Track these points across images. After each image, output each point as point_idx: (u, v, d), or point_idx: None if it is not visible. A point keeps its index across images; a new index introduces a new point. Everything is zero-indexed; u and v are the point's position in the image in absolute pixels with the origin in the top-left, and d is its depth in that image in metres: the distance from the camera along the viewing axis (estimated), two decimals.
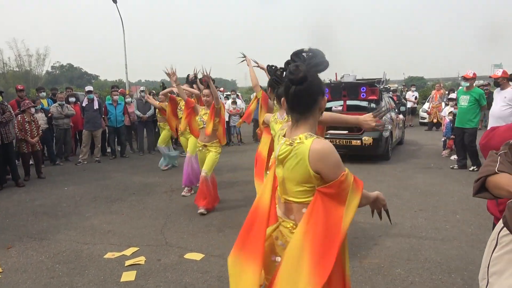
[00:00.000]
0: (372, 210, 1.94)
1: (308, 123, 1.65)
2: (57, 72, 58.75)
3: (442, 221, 4.59)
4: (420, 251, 3.76)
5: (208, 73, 5.07)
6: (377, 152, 8.03)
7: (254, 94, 4.82)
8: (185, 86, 5.86)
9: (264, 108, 4.41)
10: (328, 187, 1.54)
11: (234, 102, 11.94)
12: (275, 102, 3.79)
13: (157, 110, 8.66)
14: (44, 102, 9.25)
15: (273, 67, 4.26)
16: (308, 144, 1.55)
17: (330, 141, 7.98)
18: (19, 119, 7.22)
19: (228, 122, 11.76)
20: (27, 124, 7.28)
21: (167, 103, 7.55)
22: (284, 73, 2.58)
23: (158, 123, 8.79)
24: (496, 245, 1.49)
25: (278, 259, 1.70)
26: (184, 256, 3.75)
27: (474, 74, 7.17)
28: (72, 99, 9.48)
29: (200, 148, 5.12)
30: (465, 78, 7.15)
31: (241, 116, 12.62)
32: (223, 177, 7.27)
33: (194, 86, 6.16)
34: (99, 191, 6.39)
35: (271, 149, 3.92)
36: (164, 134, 8.13)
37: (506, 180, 1.40)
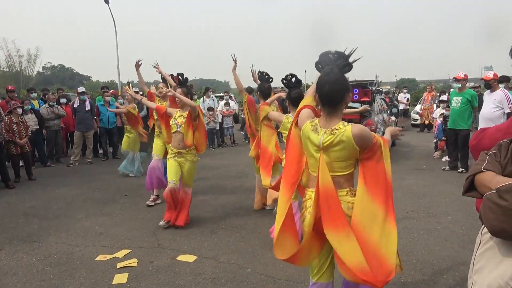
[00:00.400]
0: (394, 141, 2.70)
1: (338, 115, 2.08)
2: (49, 72, 58.24)
3: (434, 222, 4.63)
4: (412, 252, 3.79)
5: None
6: None
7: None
8: (162, 85, 5.62)
9: (251, 111, 4.83)
10: (368, 152, 2.02)
11: (227, 104, 11.92)
12: (286, 104, 4.21)
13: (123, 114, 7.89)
14: (35, 103, 9.15)
15: (264, 74, 4.72)
16: (349, 129, 1.98)
17: None
18: (6, 120, 7.11)
19: (221, 124, 11.77)
20: (15, 125, 7.18)
21: (135, 105, 7.51)
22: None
23: (125, 126, 7.97)
24: (480, 242, 1.52)
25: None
26: (177, 258, 3.73)
27: (465, 75, 7.24)
28: (63, 100, 9.41)
29: (173, 156, 4.47)
30: (456, 79, 7.23)
31: (234, 117, 12.65)
32: (216, 178, 7.27)
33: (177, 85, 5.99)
34: (91, 193, 6.33)
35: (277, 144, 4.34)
36: (133, 138, 7.56)
37: (489, 177, 1.43)
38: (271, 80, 4.84)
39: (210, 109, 11.35)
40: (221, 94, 14.66)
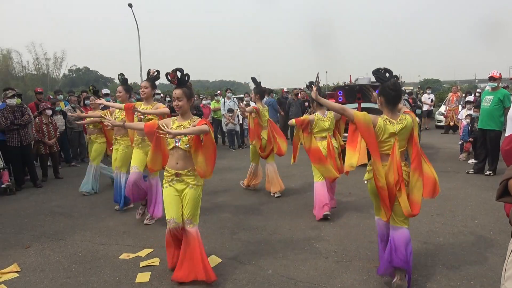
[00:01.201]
0: None
1: (397, 109, 3.11)
2: (74, 75, 59.88)
3: (460, 226, 4.50)
4: (437, 256, 3.69)
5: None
6: None
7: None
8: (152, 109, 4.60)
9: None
10: (413, 131, 3.06)
11: (247, 105, 11.94)
12: (314, 105, 5.03)
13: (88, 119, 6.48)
14: (62, 104, 9.43)
15: (254, 78, 6.26)
16: (409, 118, 3.03)
17: (345, 143, 7.83)
18: (37, 121, 7.37)
19: (241, 125, 11.80)
20: (45, 125, 7.43)
21: (102, 112, 5.87)
22: (387, 73, 3.51)
23: (87, 135, 6.96)
24: None
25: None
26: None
27: (500, 74, 7.01)
28: (88, 102, 9.63)
29: (170, 180, 3.24)
30: (492, 78, 6.93)
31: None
32: (236, 179, 7.28)
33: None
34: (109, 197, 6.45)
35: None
36: (96, 148, 6.48)
37: None
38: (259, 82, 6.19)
39: (230, 110, 11.41)
40: (242, 96, 14.71)
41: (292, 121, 4.99)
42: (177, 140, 3.16)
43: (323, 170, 4.83)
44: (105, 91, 9.84)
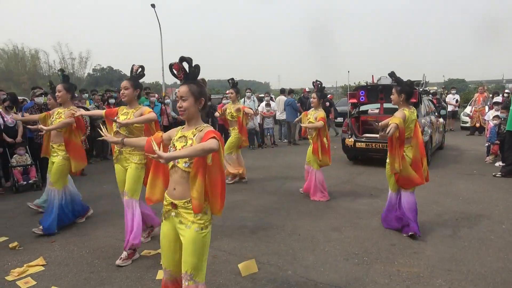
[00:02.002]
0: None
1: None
2: (98, 74, 61.21)
3: (486, 231, 4.36)
4: (462, 261, 3.59)
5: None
6: None
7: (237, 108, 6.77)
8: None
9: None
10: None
11: (268, 104, 11.94)
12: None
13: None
14: (87, 103, 9.66)
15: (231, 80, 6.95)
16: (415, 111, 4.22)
17: (366, 144, 7.79)
18: None
19: (261, 124, 11.80)
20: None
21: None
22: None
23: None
24: None
25: None
26: (218, 257, 3.77)
27: None
28: (112, 101, 9.83)
29: (166, 211, 2.36)
30: None
31: (274, 118, 12.65)
32: (256, 179, 7.30)
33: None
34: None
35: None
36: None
37: None
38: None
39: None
40: (262, 95, 14.70)
41: (321, 123, 5.51)
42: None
43: (327, 160, 5.66)
44: None
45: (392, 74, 4.55)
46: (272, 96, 15.85)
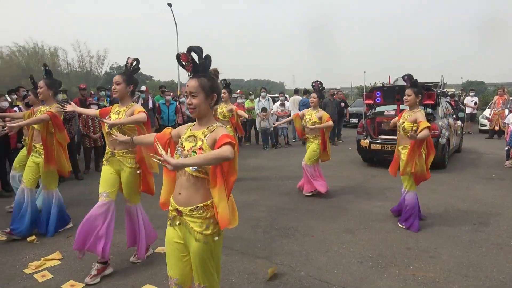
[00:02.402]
0: None
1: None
2: (115, 72, 62.09)
3: (505, 236, 4.26)
4: (480, 267, 3.51)
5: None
6: (433, 160, 7.63)
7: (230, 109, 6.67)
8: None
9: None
10: None
11: (282, 104, 11.92)
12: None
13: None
14: (104, 101, 9.80)
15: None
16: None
17: (381, 146, 7.71)
18: (83, 116, 7.71)
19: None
20: (91, 120, 7.77)
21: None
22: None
23: (24, 137, 5.38)
24: None
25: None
26: (230, 256, 3.78)
27: None
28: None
29: (172, 218, 2.20)
30: None
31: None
32: (269, 179, 7.28)
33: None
34: (155, 184, 6.62)
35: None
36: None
37: None
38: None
39: (264, 109, 11.41)
40: (276, 95, 14.68)
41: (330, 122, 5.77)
42: (183, 158, 2.04)
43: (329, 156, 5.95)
44: (142, 87, 10.14)
45: (409, 77, 4.59)
46: (287, 96, 15.81)
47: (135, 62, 3.50)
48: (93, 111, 3.99)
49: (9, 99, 7.35)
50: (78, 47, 38.87)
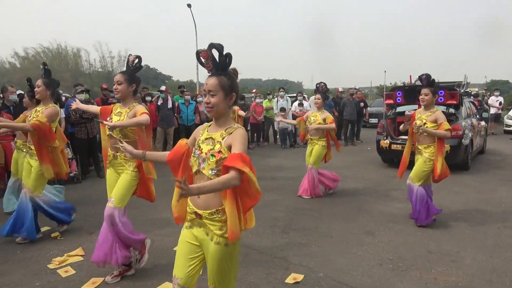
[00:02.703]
0: None
1: None
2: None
3: None
4: (504, 272, 3.41)
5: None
6: (455, 161, 7.45)
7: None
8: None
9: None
10: None
11: (300, 104, 11.86)
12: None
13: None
14: None
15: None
16: None
17: (402, 147, 7.62)
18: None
19: (294, 124, 11.74)
20: None
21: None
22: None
23: (15, 139, 4.97)
24: None
25: None
26: (249, 256, 3.79)
27: None
28: (148, 98, 10.10)
29: (190, 220, 2.12)
30: None
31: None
32: (288, 179, 7.26)
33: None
34: (172, 186, 6.69)
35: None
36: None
37: None
38: None
39: (282, 109, 11.39)
40: (294, 95, 14.62)
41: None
42: (201, 161, 2.02)
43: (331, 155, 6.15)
44: (162, 87, 10.27)
45: (427, 77, 4.56)
46: (305, 95, 15.74)
47: (136, 60, 3.29)
48: (94, 107, 3.79)
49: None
50: (100, 48, 39.66)
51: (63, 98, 9.38)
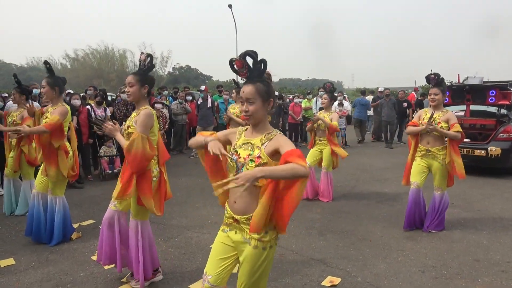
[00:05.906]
0: None
1: None
2: (177, 73, 64.81)
3: None
4: None
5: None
6: (506, 165, 7.01)
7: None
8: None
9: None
10: None
11: (340, 104, 11.63)
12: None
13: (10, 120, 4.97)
14: (166, 100, 10.28)
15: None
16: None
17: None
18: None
19: None
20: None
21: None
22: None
23: (10, 139, 5.00)
24: None
25: None
26: (285, 256, 3.76)
27: None
28: (189, 98, 10.34)
29: (228, 224, 2.17)
30: None
31: (347, 118, 12.30)
32: None
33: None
34: (208, 184, 6.80)
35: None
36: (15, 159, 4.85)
37: None
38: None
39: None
40: (335, 95, 14.36)
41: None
42: (239, 165, 2.00)
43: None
44: (202, 87, 10.47)
45: (436, 75, 4.35)
46: (345, 95, 15.43)
47: (148, 59, 3.07)
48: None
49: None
50: (144, 49, 41.13)
51: (109, 98, 9.83)
